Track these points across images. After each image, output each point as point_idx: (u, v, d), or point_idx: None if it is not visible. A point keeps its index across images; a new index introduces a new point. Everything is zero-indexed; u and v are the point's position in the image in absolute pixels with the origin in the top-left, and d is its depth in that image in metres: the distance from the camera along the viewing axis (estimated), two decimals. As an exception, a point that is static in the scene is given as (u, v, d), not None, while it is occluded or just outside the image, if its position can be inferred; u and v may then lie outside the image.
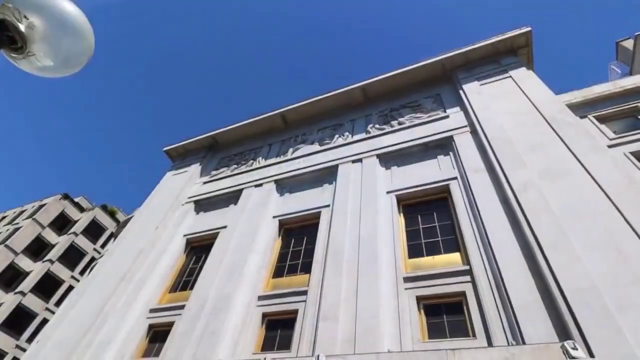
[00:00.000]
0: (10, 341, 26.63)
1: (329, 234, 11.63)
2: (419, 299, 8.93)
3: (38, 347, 14.13)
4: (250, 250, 12.57)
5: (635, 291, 6.87)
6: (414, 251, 10.35)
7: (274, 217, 14.02)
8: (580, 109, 13.80)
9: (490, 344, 7.40)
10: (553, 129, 10.70)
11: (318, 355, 5.85)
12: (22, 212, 36.89)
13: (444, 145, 13.11)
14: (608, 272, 7.29)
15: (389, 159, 13.82)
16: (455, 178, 11.50)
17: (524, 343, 6.92)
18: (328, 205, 13.02)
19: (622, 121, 13.14)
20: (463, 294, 8.60)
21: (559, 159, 9.88)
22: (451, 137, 12.91)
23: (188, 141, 21.63)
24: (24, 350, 24.69)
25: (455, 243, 10.02)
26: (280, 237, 13.42)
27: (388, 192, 12.27)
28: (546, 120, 11.05)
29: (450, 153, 12.62)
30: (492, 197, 10.09)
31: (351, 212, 11.89)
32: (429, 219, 11.16)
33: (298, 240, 12.91)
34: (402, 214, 11.63)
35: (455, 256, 9.66)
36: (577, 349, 4.81)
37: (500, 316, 7.75)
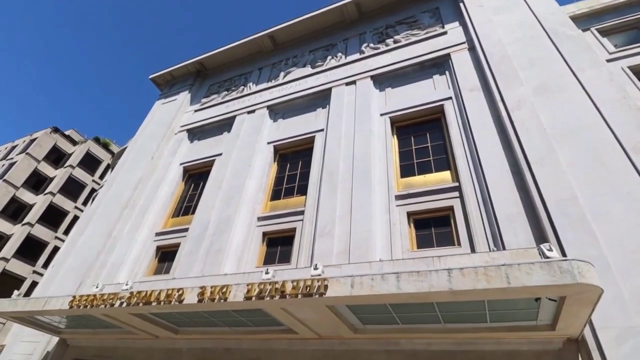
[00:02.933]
0: (27, 268, 28.41)
1: (323, 157, 11.82)
2: (410, 214, 9.46)
3: (54, 270, 15.13)
4: (247, 176, 12.86)
5: (612, 200, 7.31)
6: (406, 171, 10.66)
7: (268, 143, 14.08)
8: (584, 21, 13.11)
9: (473, 251, 8.05)
10: (553, 42, 10.32)
11: (316, 264, 6.38)
12: (13, 147, 36.51)
13: (440, 64, 12.71)
14: (589, 183, 7.67)
15: (384, 80, 13.47)
16: (450, 98, 11.37)
17: (504, 249, 7.52)
18: (322, 130, 13.02)
19: (624, 34, 12.60)
20: (451, 208, 9.09)
21: (555, 75, 9.71)
22: (448, 55, 12.47)
23: (174, 67, 20.68)
24: (41, 274, 26.50)
25: (446, 162, 10.30)
26: (275, 162, 13.63)
27: (382, 114, 12.20)
28: (547, 34, 10.61)
29: (446, 72, 12.30)
30: (485, 116, 10.12)
31: (345, 135, 11.96)
32: (422, 139, 11.28)
33: (293, 165, 13.15)
34: (395, 136, 11.72)
35: (446, 174, 10.00)
36: (552, 251, 5.26)
37: (484, 227, 8.31)
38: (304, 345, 7.78)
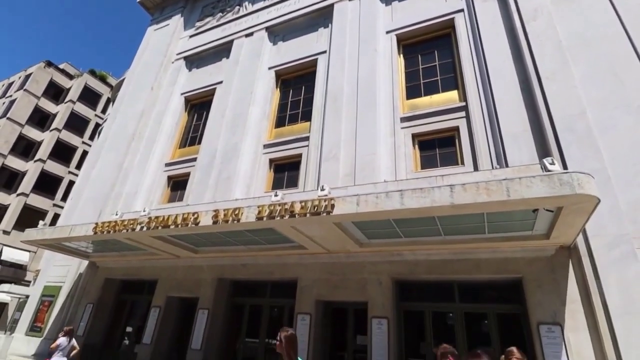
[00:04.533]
0: (47, 201, 29.74)
1: (326, 80, 11.49)
2: (415, 136, 9.46)
3: (73, 202, 15.85)
4: (250, 104, 12.68)
5: (621, 114, 7.21)
6: (412, 92, 10.40)
7: (269, 68, 13.58)
8: None
9: (476, 169, 8.19)
10: (580, -62, 9.23)
11: (322, 186, 6.60)
12: (10, 84, 35.67)
13: (452, -29, 11.58)
14: (600, 98, 7.49)
15: (390, -8, 12.43)
16: (462, 10, 10.59)
17: (507, 167, 7.64)
18: (324, 52, 12.44)
19: None
20: (456, 128, 9.05)
21: (578, -22, 8.88)
22: (461, -41, 11.28)
23: (163, -13, 19.14)
24: (61, 207, 27.82)
25: (454, 81, 9.97)
26: (277, 89, 13.30)
27: (388, 32, 11.50)
28: None
29: (459, -20, 11.26)
30: (498, 29, 9.53)
31: (349, 57, 11.46)
32: (430, 58, 10.78)
33: (296, 90, 12.84)
34: (401, 55, 11.19)
35: (453, 94, 9.75)
36: (554, 164, 5.33)
37: (489, 146, 8.35)
38: (314, 259, 8.43)
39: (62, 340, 7.06)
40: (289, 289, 8.76)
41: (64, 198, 28.80)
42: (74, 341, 7.18)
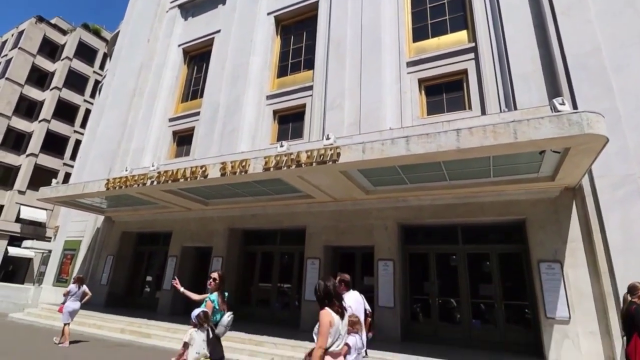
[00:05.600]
0: (57, 161, 30.11)
1: (329, 25, 10.95)
2: (421, 81, 9.20)
3: (82, 161, 16.07)
4: (250, 53, 12.24)
5: (636, 51, 6.87)
6: (419, 34, 9.92)
7: (268, 13, 12.91)
8: None
9: (484, 114, 8.03)
10: None
11: (328, 135, 6.57)
12: (3, 43, 34.61)
13: None
14: (616, 33, 7.11)
15: None
16: (473, -61, 9.74)
17: (516, 110, 7.47)
18: (326, -7, 11.72)
19: None
20: (465, 71, 8.75)
21: None
22: None
23: None
24: (71, 166, 28.23)
25: (463, 20, 9.45)
26: (278, 36, 12.75)
27: (393, -32, 10.72)
28: None
29: None
30: (512, -41, 8.83)
31: (352, -2, 10.82)
32: (438, -5, 10.14)
33: (297, 37, 12.32)
34: (408, -7, 10.53)
35: (462, 34, 9.29)
36: (564, 104, 5.19)
37: (497, 88, 8.12)
38: (322, 208, 8.64)
39: (72, 287, 7.49)
40: (298, 236, 9.08)
41: (73, 157, 29.10)
42: (85, 287, 7.58)
